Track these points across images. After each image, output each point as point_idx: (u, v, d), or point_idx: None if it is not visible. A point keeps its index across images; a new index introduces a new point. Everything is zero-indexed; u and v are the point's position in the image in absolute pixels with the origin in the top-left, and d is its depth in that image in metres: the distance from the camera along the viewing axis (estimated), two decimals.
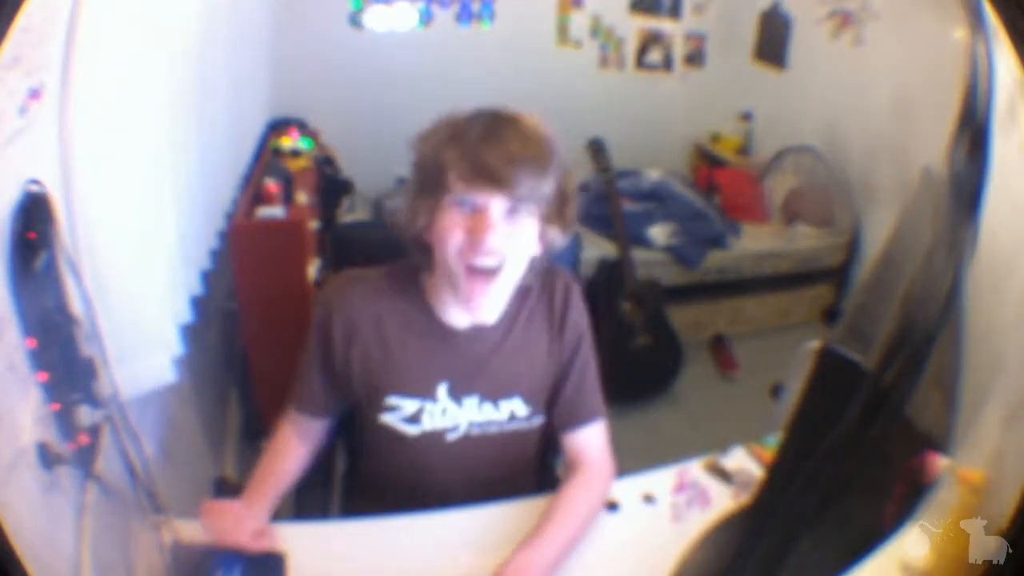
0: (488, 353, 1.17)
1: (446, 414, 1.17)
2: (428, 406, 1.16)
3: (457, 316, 1.16)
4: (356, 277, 1.20)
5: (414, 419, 1.16)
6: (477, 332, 1.16)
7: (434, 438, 1.17)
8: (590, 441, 1.21)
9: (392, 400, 1.16)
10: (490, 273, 1.07)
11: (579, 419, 1.21)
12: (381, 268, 1.21)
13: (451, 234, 1.05)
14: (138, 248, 1.16)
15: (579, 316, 1.22)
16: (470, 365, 1.17)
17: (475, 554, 1.08)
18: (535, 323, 1.20)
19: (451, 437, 1.18)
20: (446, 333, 1.16)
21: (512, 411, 1.19)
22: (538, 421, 1.22)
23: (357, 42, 3.35)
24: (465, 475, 1.20)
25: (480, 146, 1.02)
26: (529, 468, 1.27)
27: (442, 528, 1.14)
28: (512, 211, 1.05)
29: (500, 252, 1.05)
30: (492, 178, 1.01)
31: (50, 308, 0.83)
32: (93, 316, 0.91)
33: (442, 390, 1.16)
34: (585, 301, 1.24)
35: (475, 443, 1.18)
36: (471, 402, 1.17)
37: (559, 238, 1.13)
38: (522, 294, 1.19)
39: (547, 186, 1.06)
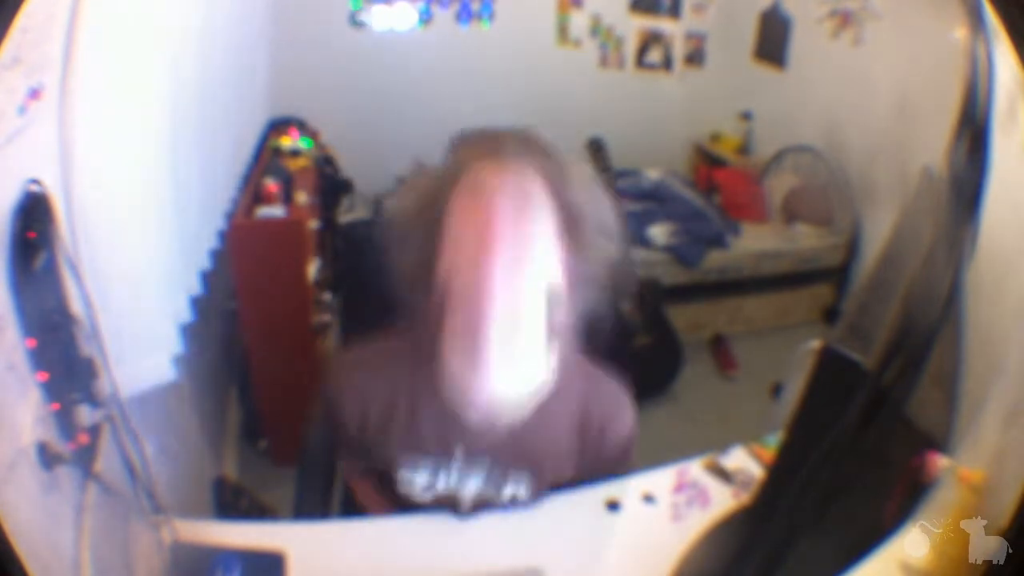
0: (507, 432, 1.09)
1: (460, 480, 1.12)
2: (443, 473, 1.12)
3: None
4: (363, 362, 1.12)
5: (428, 487, 1.13)
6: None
7: (445, 502, 1.14)
8: None
9: (407, 472, 1.12)
10: None
11: None
12: (390, 342, 1.13)
13: None
14: (138, 248, 1.16)
15: (623, 430, 1.17)
16: (487, 437, 1.09)
17: (474, 554, 1.08)
18: (558, 414, 1.11)
19: (462, 508, 1.14)
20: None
21: (514, 495, 1.13)
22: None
23: (357, 42, 3.35)
24: None
25: None
26: None
27: (442, 528, 1.13)
28: None
29: None
30: None
31: (50, 308, 0.83)
32: (93, 316, 0.91)
33: (458, 453, 1.10)
34: None
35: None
36: (480, 475, 1.12)
37: None
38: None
39: None
